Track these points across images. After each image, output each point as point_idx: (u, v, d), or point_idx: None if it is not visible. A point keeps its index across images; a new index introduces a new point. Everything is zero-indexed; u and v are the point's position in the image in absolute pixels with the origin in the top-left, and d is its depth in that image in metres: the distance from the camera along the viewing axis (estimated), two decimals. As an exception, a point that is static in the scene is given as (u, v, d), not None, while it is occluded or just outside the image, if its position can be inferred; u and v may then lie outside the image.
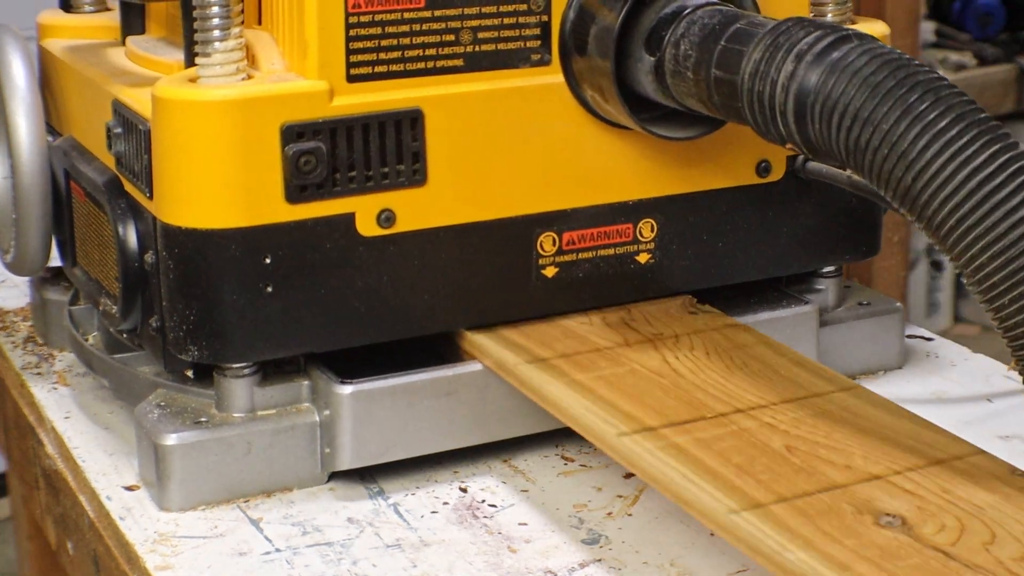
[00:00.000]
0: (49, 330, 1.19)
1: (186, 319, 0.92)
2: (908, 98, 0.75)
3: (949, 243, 0.73)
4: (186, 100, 0.89)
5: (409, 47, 0.93)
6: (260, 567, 0.88)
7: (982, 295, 0.73)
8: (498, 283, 0.97)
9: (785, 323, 1.05)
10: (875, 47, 0.79)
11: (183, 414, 0.95)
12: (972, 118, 0.74)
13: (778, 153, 1.03)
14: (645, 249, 1.01)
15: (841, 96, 0.78)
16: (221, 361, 0.94)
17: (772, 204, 1.04)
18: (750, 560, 0.87)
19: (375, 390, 0.95)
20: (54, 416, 1.08)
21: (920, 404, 1.06)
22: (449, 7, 0.93)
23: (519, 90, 0.96)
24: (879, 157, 0.76)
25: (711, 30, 0.88)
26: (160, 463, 0.93)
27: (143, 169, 0.94)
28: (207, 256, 0.90)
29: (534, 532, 0.92)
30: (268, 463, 0.94)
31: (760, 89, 0.83)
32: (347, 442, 0.94)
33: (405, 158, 0.93)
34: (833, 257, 1.08)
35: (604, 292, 1.01)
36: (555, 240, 0.98)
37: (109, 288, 1.00)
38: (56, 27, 1.17)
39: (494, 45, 0.95)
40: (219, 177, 0.90)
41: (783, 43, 0.82)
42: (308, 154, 0.90)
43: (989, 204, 0.72)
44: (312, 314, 0.93)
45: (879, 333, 1.10)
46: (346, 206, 0.92)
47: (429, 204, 0.94)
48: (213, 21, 0.90)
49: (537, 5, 0.95)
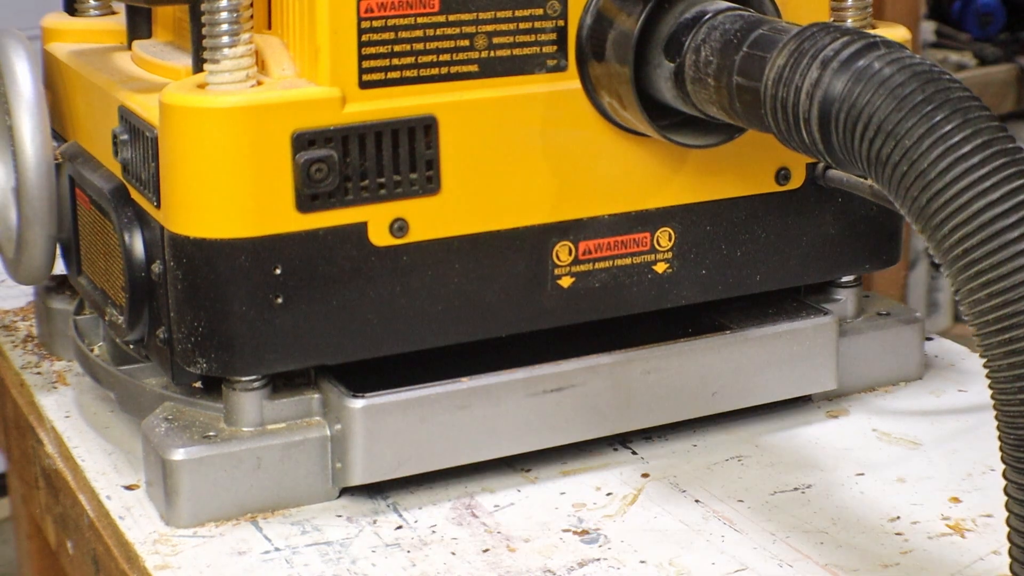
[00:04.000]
0: (53, 340, 1.18)
1: (194, 330, 0.90)
2: (934, 116, 0.73)
3: (952, 270, 0.72)
4: (195, 107, 0.88)
5: (423, 52, 0.91)
6: (259, 566, 0.88)
7: (975, 328, 0.72)
8: (513, 293, 0.96)
9: (804, 334, 1.03)
10: (904, 56, 0.77)
11: (191, 428, 0.94)
12: (998, 147, 0.71)
13: (798, 161, 1.01)
14: (663, 259, 0.99)
15: (866, 106, 0.76)
16: (230, 374, 0.92)
17: (792, 212, 1.02)
18: (749, 560, 0.87)
19: (387, 404, 0.93)
20: (54, 416, 1.08)
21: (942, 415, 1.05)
22: (464, 12, 0.91)
23: (535, 96, 0.94)
24: (898, 172, 0.74)
25: (733, 36, 0.87)
26: (167, 479, 0.91)
27: (150, 177, 0.92)
28: (216, 266, 0.89)
29: (533, 531, 0.92)
30: (278, 478, 0.93)
31: (784, 96, 0.81)
32: (359, 457, 0.93)
33: (418, 166, 0.91)
34: (853, 266, 1.06)
35: (621, 302, 0.99)
36: (571, 249, 0.96)
37: (115, 298, 0.99)
38: (61, 31, 1.16)
39: (509, 50, 0.93)
40: (228, 186, 0.88)
41: (808, 49, 0.80)
42: (319, 162, 0.89)
43: (997, 241, 0.70)
44: (323, 326, 0.91)
45: (899, 344, 1.09)
46: (358, 215, 0.91)
47: (443, 213, 0.93)
48: (222, 27, 0.88)
49: (553, 10, 0.94)
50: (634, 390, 0.99)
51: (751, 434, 1.04)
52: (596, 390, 0.98)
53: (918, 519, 0.92)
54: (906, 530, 0.91)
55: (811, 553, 0.89)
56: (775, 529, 0.91)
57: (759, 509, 0.94)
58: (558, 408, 0.97)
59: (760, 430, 1.04)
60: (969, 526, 0.91)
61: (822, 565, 0.87)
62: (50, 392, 1.11)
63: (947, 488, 0.96)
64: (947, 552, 0.89)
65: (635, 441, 1.03)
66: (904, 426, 1.04)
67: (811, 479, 0.97)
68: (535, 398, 0.97)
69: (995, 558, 0.87)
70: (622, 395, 0.99)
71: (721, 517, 0.93)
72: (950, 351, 1.16)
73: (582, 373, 0.98)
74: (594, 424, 0.99)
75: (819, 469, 0.99)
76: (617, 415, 0.99)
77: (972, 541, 0.90)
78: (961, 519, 0.92)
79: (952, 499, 0.95)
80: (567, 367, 0.97)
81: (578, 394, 0.98)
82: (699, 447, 1.02)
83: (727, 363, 1.02)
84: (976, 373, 1.11)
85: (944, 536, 0.90)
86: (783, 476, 0.98)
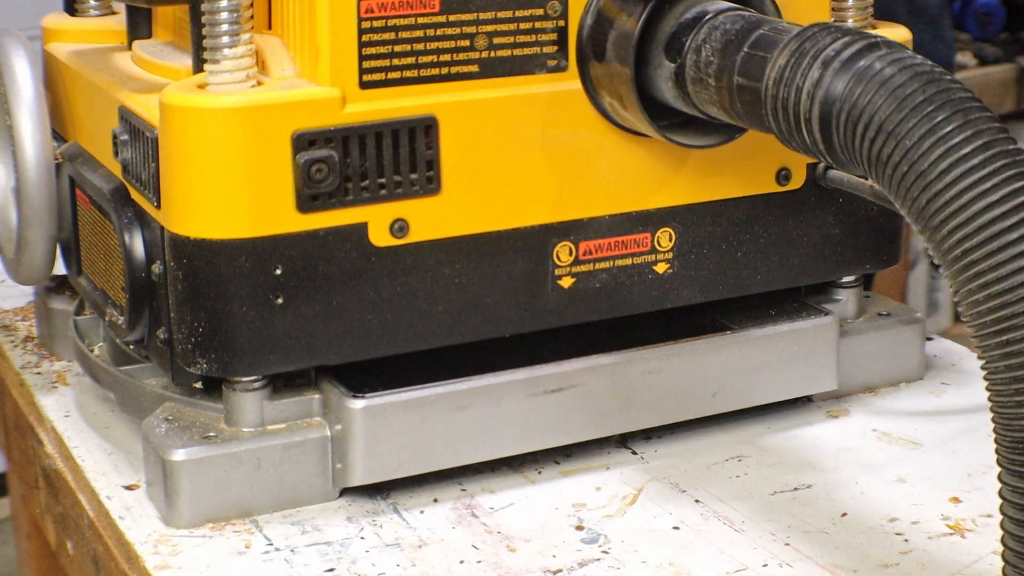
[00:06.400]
0: (54, 340, 1.18)
1: (195, 331, 0.90)
2: (935, 116, 0.73)
3: (951, 271, 0.72)
4: (195, 107, 0.88)
5: (423, 53, 0.91)
6: (259, 566, 0.88)
7: (973, 330, 0.72)
8: (513, 294, 0.96)
9: (805, 335, 1.03)
10: (905, 56, 0.77)
11: (191, 428, 0.93)
12: (998, 148, 0.71)
13: (798, 161, 1.01)
14: (663, 259, 0.99)
15: (867, 106, 0.76)
16: (230, 374, 0.92)
17: (792, 213, 1.02)
18: (749, 560, 0.87)
19: (388, 404, 0.93)
20: (54, 416, 1.08)
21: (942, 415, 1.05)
22: (464, 12, 0.91)
23: (535, 97, 0.94)
24: (898, 172, 0.74)
25: (733, 36, 0.86)
26: (168, 479, 0.91)
27: (150, 177, 0.92)
28: (216, 267, 0.89)
29: (533, 531, 0.92)
30: (278, 479, 0.93)
31: (785, 96, 0.81)
32: (359, 457, 0.93)
33: (419, 166, 0.91)
34: (854, 267, 1.06)
35: (621, 303, 0.99)
36: (571, 250, 0.96)
37: (115, 298, 0.99)
38: (61, 31, 1.16)
39: (510, 51, 0.93)
40: (228, 186, 0.88)
41: (809, 49, 0.80)
42: (320, 162, 0.89)
43: (996, 243, 0.70)
44: (323, 326, 0.91)
45: (899, 344, 1.09)
46: (358, 215, 0.90)
47: (443, 213, 0.92)
48: (222, 27, 0.88)
49: (554, 10, 0.93)
50: (634, 390, 0.99)
51: (751, 434, 1.03)
52: (596, 390, 0.98)
53: (918, 519, 0.92)
54: (906, 530, 0.91)
55: (811, 553, 0.89)
56: (775, 529, 0.91)
57: (759, 509, 0.94)
58: (558, 408, 0.97)
59: (760, 430, 1.04)
60: (969, 526, 0.91)
61: (822, 565, 0.87)
62: (50, 392, 1.11)
63: (947, 488, 0.96)
64: (947, 552, 0.89)
65: (635, 441, 1.03)
66: (904, 426, 1.04)
67: (811, 479, 0.97)
68: (535, 398, 0.97)
69: (995, 558, 0.87)
70: (622, 395, 0.99)
71: (721, 517, 0.93)
72: (950, 351, 1.16)
73: (582, 373, 0.98)
74: (594, 424, 0.99)
75: (819, 469, 0.99)
76: (617, 415, 0.99)
77: (972, 541, 0.90)
78: (961, 519, 0.92)
79: (952, 499, 0.94)
80: (567, 367, 0.97)
81: (578, 394, 0.98)
82: (699, 447, 1.02)
83: (727, 363, 1.02)
84: (976, 373, 1.10)
85: (944, 536, 0.90)
86: (783, 476, 0.98)
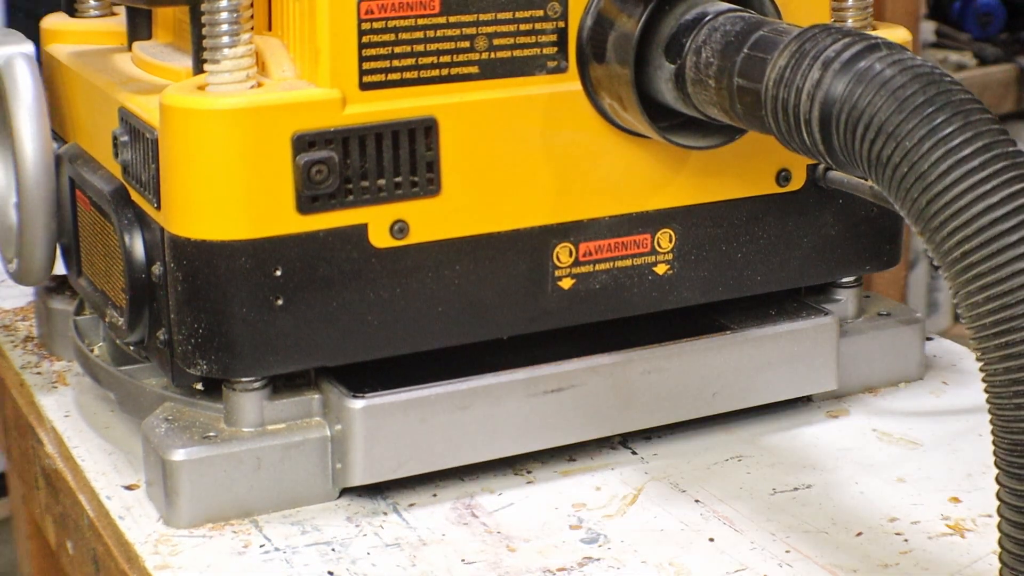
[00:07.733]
0: (54, 340, 1.18)
1: (195, 332, 0.90)
2: (936, 117, 0.73)
3: (950, 273, 0.72)
4: (195, 108, 0.88)
5: (423, 54, 0.91)
6: (259, 566, 0.88)
7: (972, 332, 0.72)
8: (513, 295, 0.96)
9: (805, 335, 1.03)
10: (905, 57, 0.77)
11: (191, 428, 0.94)
12: (998, 150, 0.71)
13: (798, 162, 1.01)
14: (663, 260, 0.99)
15: (867, 107, 0.76)
16: (230, 375, 0.92)
17: (792, 214, 1.02)
18: (749, 560, 0.87)
19: (388, 404, 0.93)
20: (54, 416, 1.08)
21: (942, 415, 1.05)
22: (464, 13, 0.91)
23: (535, 98, 0.94)
24: (898, 174, 0.74)
25: (733, 37, 0.87)
26: (168, 479, 0.91)
27: (150, 179, 0.92)
28: (216, 268, 0.89)
29: (533, 531, 0.92)
30: (278, 479, 0.93)
31: (785, 97, 0.81)
32: (359, 457, 0.93)
33: (419, 168, 0.91)
34: (854, 267, 1.06)
35: (621, 304, 0.99)
36: (571, 251, 0.96)
37: (115, 299, 0.99)
38: (60, 32, 1.16)
39: (510, 52, 0.93)
40: (228, 187, 0.88)
41: (810, 50, 0.80)
42: (320, 164, 0.89)
43: (996, 245, 0.70)
44: (323, 327, 0.91)
45: (899, 344, 1.09)
46: (358, 217, 0.91)
47: (443, 215, 0.92)
48: (222, 27, 0.88)
49: (554, 11, 0.93)
50: (634, 390, 0.99)
51: (751, 434, 1.04)
52: (596, 390, 0.98)
53: (918, 519, 0.92)
54: (906, 530, 0.91)
55: (811, 553, 0.89)
56: (775, 529, 0.91)
57: (759, 509, 0.94)
58: (558, 408, 0.97)
59: (760, 430, 1.04)
60: (969, 526, 0.91)
61: (822, 565, 0.87)
62: (50, 392, 1.11)
63: (947, 488, 0.96)
64: (947, 552, 0.89)
65: (635, 441, 1.03)
66: (904, 426, 1.04)
67: (811, 479, 0.97)
68: (535, 398, 0.97)
69: (995, 558, 0.86)
70: (622, 395, 0.99)
71: (721, 517, 0.93)
72: (950, 351, 1.16)
73: (582, 373, 0.98)
74: (594, 424, 0.99)
75: (819, 469, 0.99)
76: (617, 415, 0.99)
77: (972, 541, 0.90)
78: (961, 519, 0.92)
79: (952, 499, 0.95)
80: (567, 367, 0.97)
81: (578, 394, 0.98)
82: (699, 447, 1.02)
83: (728, 363, 1.02)
84: (976, 374, 1.10)
85: (944, 536, 0.90)
86: (783, 476, 0.98)
